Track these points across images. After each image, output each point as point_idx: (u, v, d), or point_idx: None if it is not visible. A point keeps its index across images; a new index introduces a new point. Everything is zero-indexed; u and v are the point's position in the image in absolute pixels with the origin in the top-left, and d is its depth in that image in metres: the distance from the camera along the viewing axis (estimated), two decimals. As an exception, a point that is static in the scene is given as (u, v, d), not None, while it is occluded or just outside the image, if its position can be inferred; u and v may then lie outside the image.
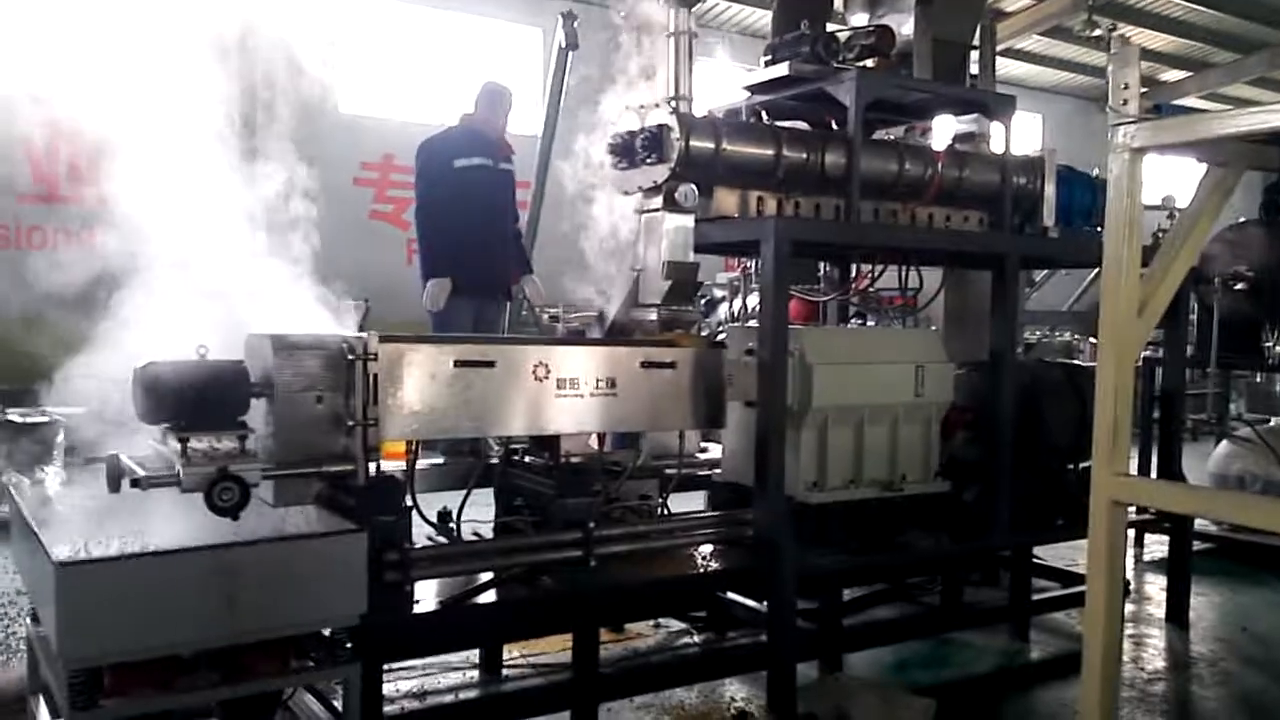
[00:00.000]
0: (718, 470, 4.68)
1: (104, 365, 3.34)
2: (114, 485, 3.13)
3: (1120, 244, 2.35)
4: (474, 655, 4.29)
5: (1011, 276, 4.57)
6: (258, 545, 2.92)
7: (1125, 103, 2.27)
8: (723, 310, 10.03)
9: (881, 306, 5.40)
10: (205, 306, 3.36)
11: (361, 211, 12.44)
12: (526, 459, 3.99)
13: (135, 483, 2.96)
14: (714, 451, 5.31)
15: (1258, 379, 12.62)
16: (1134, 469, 5.39)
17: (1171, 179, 7.24)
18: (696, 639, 4.70)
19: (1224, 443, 6.80)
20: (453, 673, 4.20)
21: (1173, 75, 19.48)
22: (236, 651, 2.91)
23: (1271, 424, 6.81)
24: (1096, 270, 12.64)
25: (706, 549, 4.02)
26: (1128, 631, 4.96)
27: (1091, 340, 15.37)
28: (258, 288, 3.48)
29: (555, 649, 4.34)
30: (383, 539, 3.23)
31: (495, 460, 4.11)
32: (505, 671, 4.25)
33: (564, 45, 9.35)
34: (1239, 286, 6.13)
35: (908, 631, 4.67)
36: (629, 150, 4.12)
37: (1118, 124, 2.25)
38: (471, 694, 4.06)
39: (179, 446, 3.05)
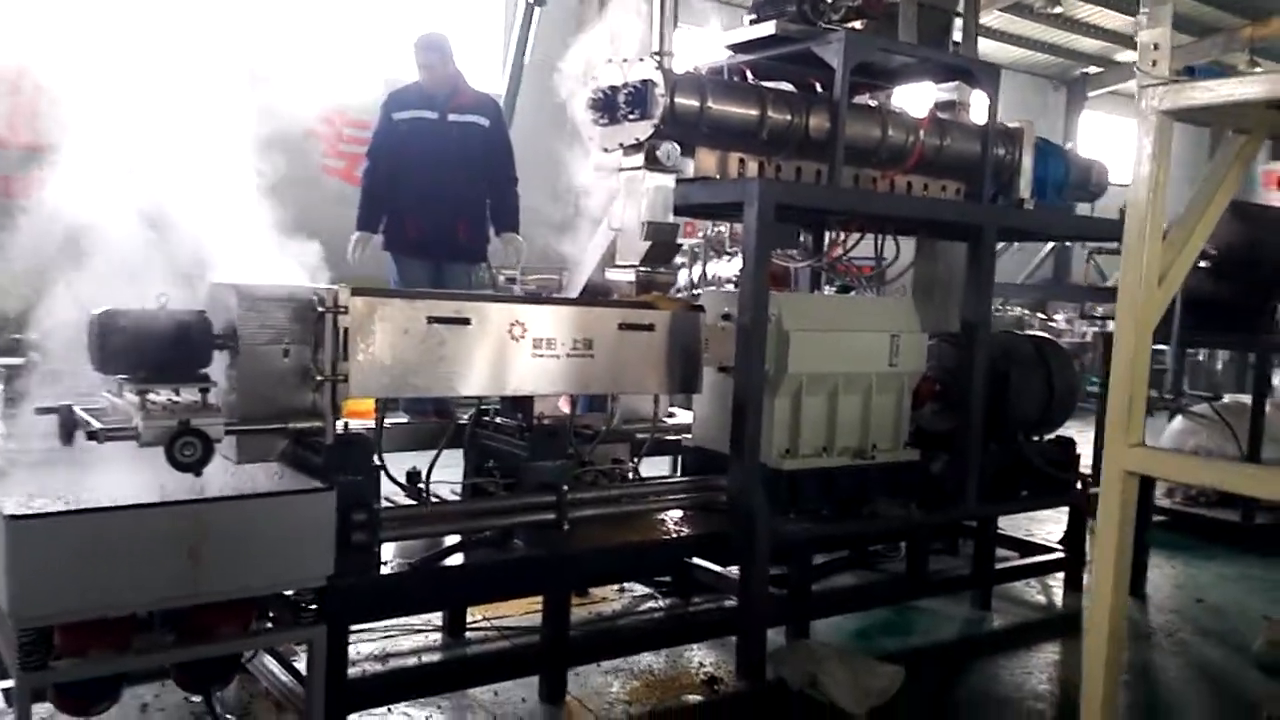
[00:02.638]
0: (686, 435, 4.62)
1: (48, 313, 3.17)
2: (67, 437, 2.99)
3: (1145, 211, 2.29)
4: (436, 618, 4.20)
5: (989, 248, 4.54)
6: (222, 502, 2.81)
7: (1154, 63, 2.20)
8: (682, 277, 9.94)
9: (856, 275, 5.35)
10: (148, 255, 3.19)
11: (312, 166, 12.10)
12: (498, 420, 3.88)
13: (92, 435, 2.82)
14: (681, 416, 5.26)
15: (1199, 357, 12.90)
16: (1089, 442, 5.48)
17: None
18: (662, 603, 4.65)
19: (1178, 418, 6.89)
20: (415, 635, 4.10)
21: (1128, 55, 19.68)
22: (195, 611, 2.80)
23: (1225, 401, 6.91)
24: (1052, 245, 12.76)
25: (678, 514, 3.97)
26: (1087, 602, 5.01)
27: (1040, 315, 15.63)
28: (206, 237, 3.31)
29: (519, 612, 4.26)
30: (351, 499, 3.11)
31: (464, 420, 3.99)
32: (469, 634, 4.16)
33: (530, 1, 9.14)
34: (1202, 265, 6.18)
35: (876, 599, 4.67)
36: (611, 105, 4.00)
37: (1146, 85, 2.19)
38: (436, 657, 3.97)
39: (137, 399, 2.92)
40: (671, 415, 5.32)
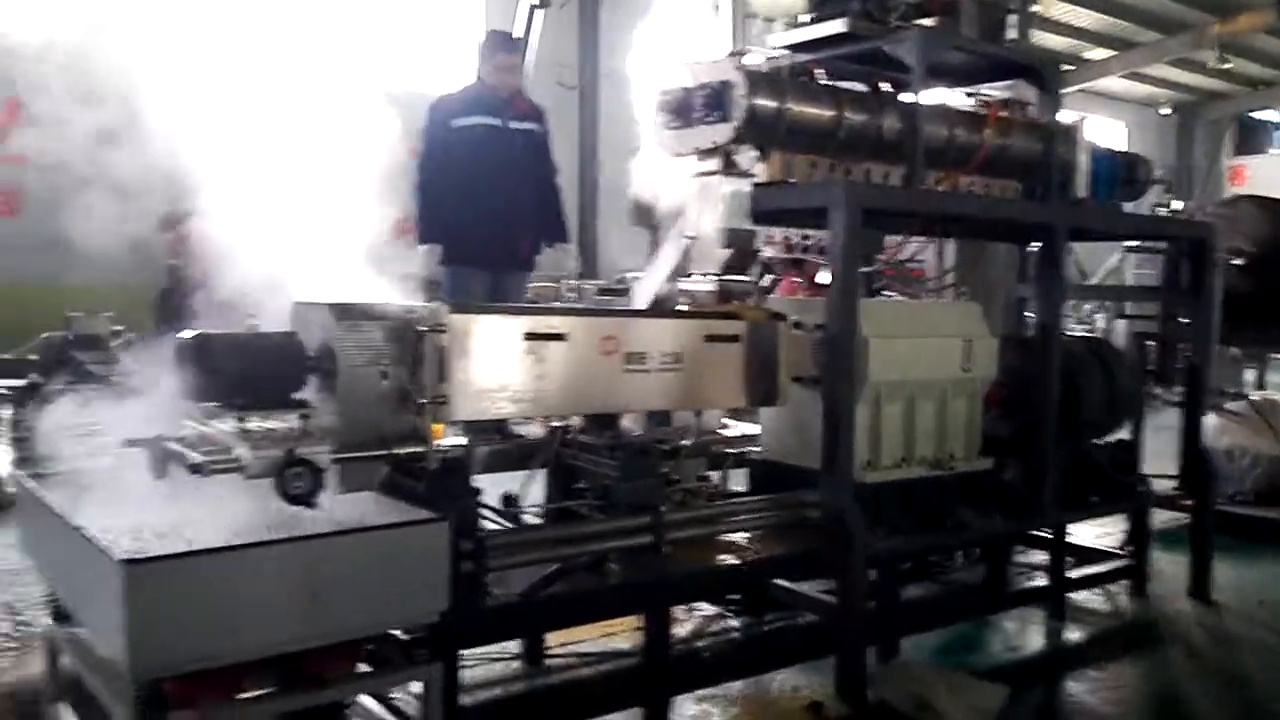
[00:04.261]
0: (755, 448, 4.49)
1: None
2: (161, 470, 2.79)
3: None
4: (511, 645, 4.02)
5: (1060, 248, 4.46)
6: (341, 536, 2.62)
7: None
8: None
9: (909, 279, 5.24)
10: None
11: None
12: (581, 438, 3.73)
13: (195, 469, 2.63)
14: (735, 428, 5.11)
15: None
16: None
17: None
18: (736, 623, 4.51)
19: (1211, 415, 6.86)
20: (494, 664, 3.92)
21: (1099, 53, 19.88)
22: (303, 655, 2.61)
23: (1255, 396, 6.91)
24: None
25: (761, 531, 3.84)
26: (1163, 608, 4.95)
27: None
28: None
29: (593, 636, 4.11)
30: (458, 527, 2.94)
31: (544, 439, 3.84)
32: (547, 662, 3.99)
33: (534, 3, 8.98)
34: (1236, 263, 6.18)
35: (961, 613, 4.55)
36: (684, 108, 3.86)
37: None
38: (520, 687, 3.80)
39: (236, 428, 2.74)
40: (727, 426, 5.19)
